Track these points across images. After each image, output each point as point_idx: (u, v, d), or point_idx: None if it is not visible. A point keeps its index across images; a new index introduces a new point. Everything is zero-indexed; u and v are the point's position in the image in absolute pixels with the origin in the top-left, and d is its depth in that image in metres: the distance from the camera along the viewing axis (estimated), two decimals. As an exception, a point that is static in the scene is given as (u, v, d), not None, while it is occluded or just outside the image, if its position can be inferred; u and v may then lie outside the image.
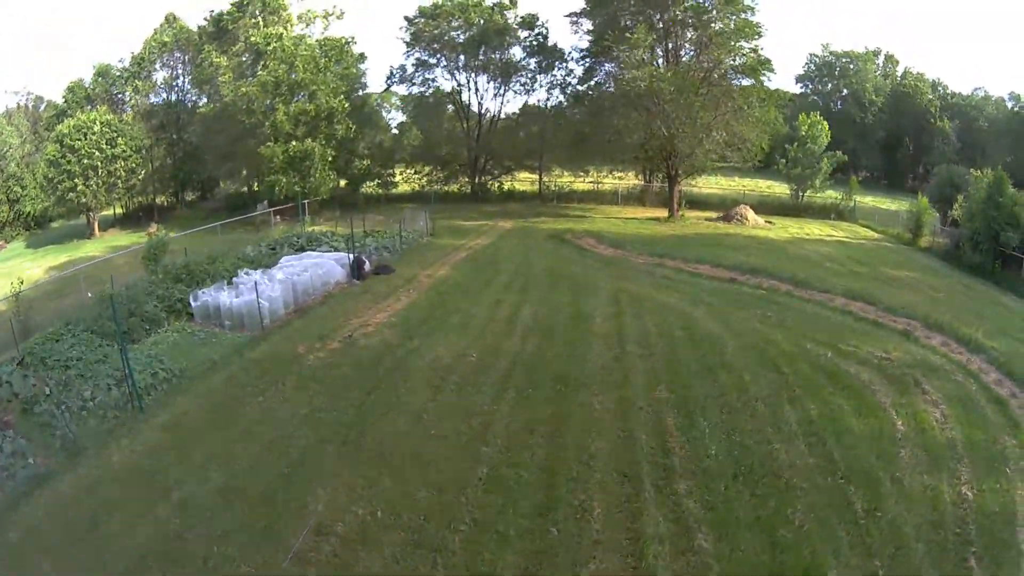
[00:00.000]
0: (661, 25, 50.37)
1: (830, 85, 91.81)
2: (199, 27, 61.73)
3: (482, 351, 21.21)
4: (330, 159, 51.27)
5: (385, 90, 65.24)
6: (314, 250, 34.91)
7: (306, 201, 48.56)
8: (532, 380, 19.05)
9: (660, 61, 49.34)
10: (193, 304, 25.43)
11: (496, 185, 64.19)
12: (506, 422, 16.68)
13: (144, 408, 17.90)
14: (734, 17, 48.07)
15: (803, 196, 57.23)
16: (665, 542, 12.34)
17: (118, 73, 63.19)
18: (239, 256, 32.98)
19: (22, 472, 15.15)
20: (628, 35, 46.66)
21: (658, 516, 13.04)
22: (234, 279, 27.84)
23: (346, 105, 51.94)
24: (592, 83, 56.19)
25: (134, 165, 54.79)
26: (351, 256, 31.19)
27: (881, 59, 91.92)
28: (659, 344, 21.79)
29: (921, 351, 22.40)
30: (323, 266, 29.79)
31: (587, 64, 56.96)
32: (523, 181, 66.31)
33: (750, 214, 49.96)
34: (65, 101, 62.67)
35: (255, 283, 26.00)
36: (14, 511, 13.75)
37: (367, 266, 31.22)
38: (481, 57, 60.51)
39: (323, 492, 14.00)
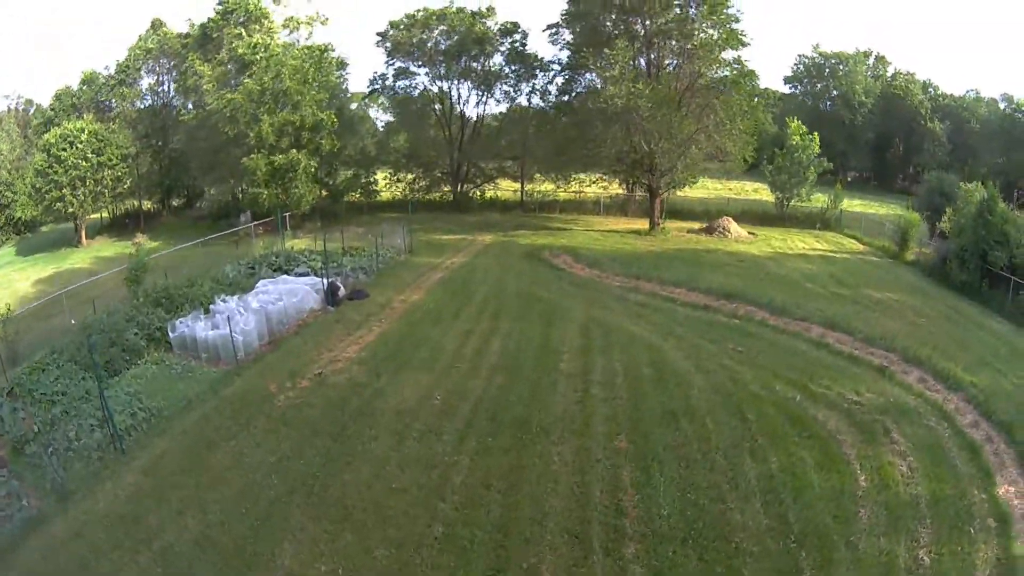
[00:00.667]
0: (643, 34, 50.19)
1: (819, 86, 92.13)
2: (182, 35, 61.22)
3: (447, 393, 21.25)
4: (313, 171, 51.01)
5: (370, 93, 64.94)
6: (291, 272, 35.00)
7: (287, 214, 48.39)
8: (494, 427, 19.13)
9: (639, 75, 48.87)
10: (171, 335, 25.53)
11: (478, 193, 64.13)
12: (464, 475, 16.80)
13: (125, 450, 18.27)
14: (718, 28, 47.82)
15: (788, 205, 56.90)
16: (608, 611, 12.40)
17: (104, 80, 62.98)
18: (217, 279, 32.89)
19: (18, 514, 15.77)
20: (606, 50, 46.37)
21: (605, 581, 13.11)
22: (211, 306, 27.95)
23: (335, 120, 51.69)
24: (573, 94, 56.09)
25: (120, 173, 54.57)
26: (325, 282, 31.15)
27: (872, 60, 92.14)
28: (624, 386, 21.79)
29: (895, 391, 22.23)
30: (297, 293, 29.75)
31: (567, 76, 56.98)
32: (505, 190, 66.30)
33: (733, 226, 49.88)
34: (52, 109, 62.65)
35: (236, 310, 26.47)
36: (13, 553, 14.47)
37: (341, 292, 31.16)
38: (462, 65, 60.34)
39: (289, 546, 14.42)
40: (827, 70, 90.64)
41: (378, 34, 60.80)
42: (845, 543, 14.54)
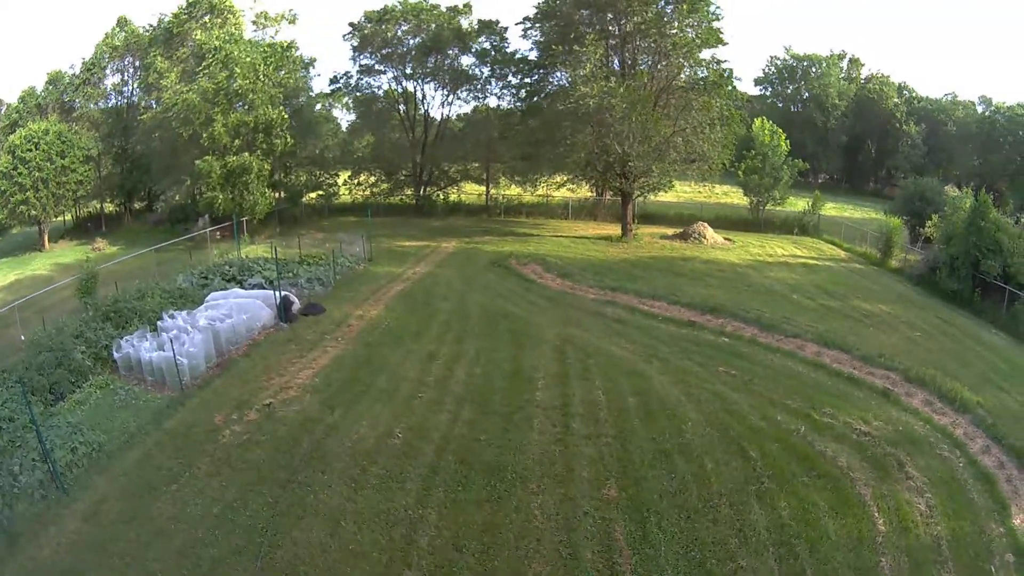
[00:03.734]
0: (618, 32, 48.34)
1: (791, 88, 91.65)
2: (147, 30, 59.61)
3: (408, 430, 19.08)
4: (266, 174, 48.75)
5: (332, 92, 62.46)
6: (244, 284, 33.38)
7: (244, 220, 46.31)
8: (463, 472, 16.99)
9: (612, 75, 46.95)
10: (116, 356, 24.20)
11: (441, 197, 61.98)
12: (431, 535, 14.65)
13: (67, 489, 16.88)
14: (695, 27, 46.33)
15: (763, 210, 55.51)
16: None
17: (68, 80, 61.40)
18: (168, 291, 31.25)
19: None
20: (576, 48, 44.44)
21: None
22: (159, 323, 26.48)
23: (286, 116, 49.22)
24: (543, 94, 53.78)
25: (83, 176, 53.37)
26: (278, 295, 28.91)
27: (846, 62, 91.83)
28: (608, 421, 19.70)
29: (904, 417, 20.81)
30: (248, 309, 27.79)
31: (537, 75, 54.67)
32: (470, 193, 64.36)
33: (708, 232, 48.16)
34: (17, 111, 60.86)
35: (177, 335, 24.48)
36: None
37: (296, 306, 29.24)
38: (430, 64, 58.38)
39: None
40: (799, 72, 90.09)
41: (350, 24, 58.68)
42: None
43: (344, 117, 68.34)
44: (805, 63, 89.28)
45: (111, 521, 15.60)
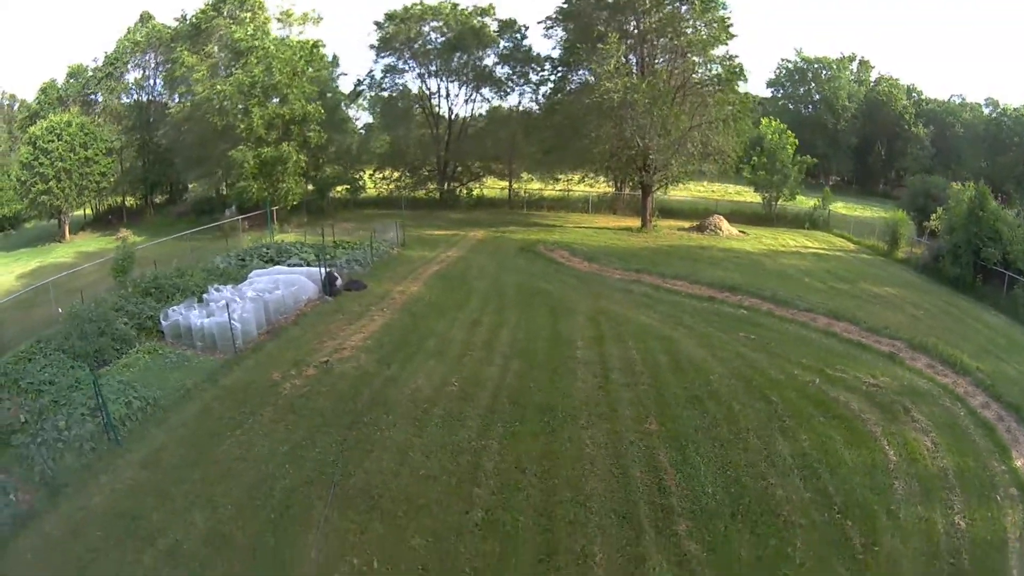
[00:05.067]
0: (636, 32, 50.23)
1: (802, 90, 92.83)
2: (172, 27, 60.98)
3: (463, 380, 20.70)
4: (302, 165, 50.52)
5: (353, 93, 64.31)
6: (284, 263, 34.42)
7: (275, 208, 47.84)
8: (518, 412, 18.64)
9: (634, 69, 48.95)
10: (163, 324, 24.71)
11: (465, 191, 63.71)
12: (496, 460, 16.28)
13: (120, 441, 17.19)
14: (708, 25, 48.13)
15: (775, 206, 57.29)
16: (671, 589, 12.07)
17: (91, 73, 62.63)
18: (208, 269, 32.38)
19: (6, 510, 14.58)
20: (600, 45, 46.31)
21: (661, 560, 12.88)
22: (205, 295, 27.19)
23: (322, 111, 51.04)
24: (566, 91, 55.68)
25: (105, 168, 54.44)
26: (323, 271, 30.47)
27: (855, 65, 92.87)
28: (644, 372, 21.47)
29: (908, 375, 22.51)
30: (295, 283, 29.11)
31: (560, 73, 56.73)
32: (492, 188, 66.22)
33: (724, 224, 50.06)
34: (38, 102, 62.12)
35: (234, 297, 25.59)
36: (3, 552, 13.41)
37: (339, 282, 30.60)
38: (455, 63, 60.09)
39: (314, 539, 13.52)
40: (810, 75, 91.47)
41: (375, 23, 60.87)
42: (886, 512, 14.76)
43: (360, 117, 70.07)
44: (815, 66, 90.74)
45: (172, 466, 16.23)
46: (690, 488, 15.16)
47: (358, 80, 63.78)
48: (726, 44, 49.00)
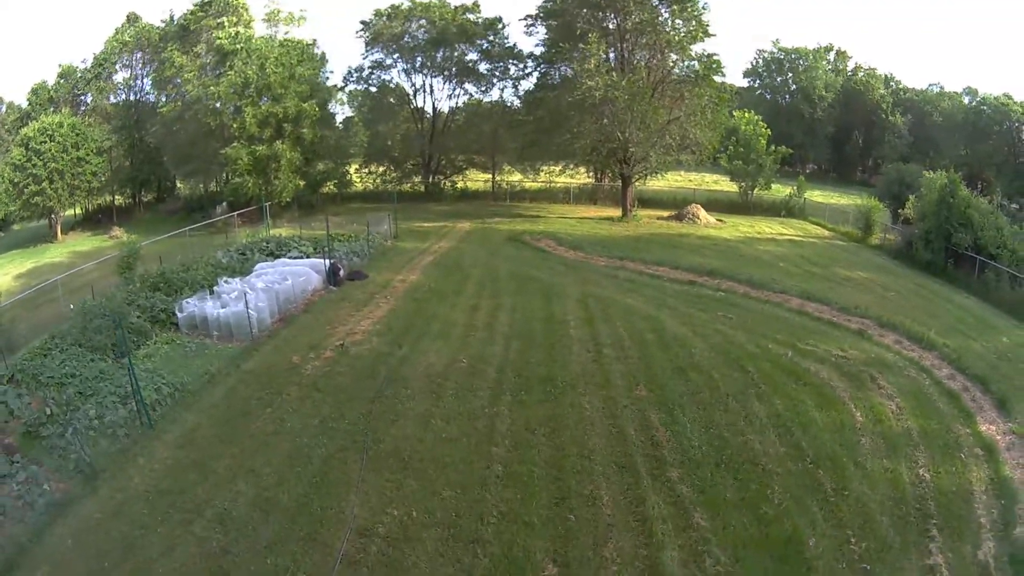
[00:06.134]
0: (616, 30, 52.26)
1: (779, 80, 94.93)
2: (160, 28, 62.05)
3: (470, 357, 22.55)
4: (296, 161, 52.06)
5: (338, 88, 65.76)
6: (285, 256, 35.67)
7: (267, 204, 49.01)
8: (522, 383, 20.63)
9: (612, 69, 50.95)
10: (179, 315, 25.72)
11: (449, 184, 65.54)
12: (508, 423, 18.24)
13: (153, 425, 18.12)
14: (685, 23, 50.42)
15: (751, 195, 59.66)
16: (668, 522, 14.20)
17: (80, 74, 63.35)
18: (213, 263, 33.41)
19: (40, 500, 14.88)
20: (581, 45, 48.37)
21: (658, 501, 14.86)
22: (215, 288, 28.24)
23: (317, 110, 52.61)
24: (548, 85, 57.61)
25: (96, 168, 55.22)
26: (327, 262, 32.04)
27: (832, 55, 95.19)
28: (632, 347, 23.56)
29: (876, 349, 24.62)
30: (300, 274, 30.43)
31: (542, 70, 58.82)
32: (475, 180, 68.02)
33: (702, 213, 52.44)
34: (29, 103, 62.88)
35: (243, 292, 26.55)
36: (39, 542, 13.68)
37: (342, 272, 32.01)
38: (439, 58, 61.87)
39: (355, 497, 14.90)
40: (787, 65, 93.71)
41: (362, 22, 62.57)
42: (854, 463, 16.63)
43: (342, 112, 71.52)
44: (792, 56, 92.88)
45: (208, 444, 17.18)
46: (678, 443, 17.22)
47: (348, 71, 65.99)
48: (703, 42, 51.44)
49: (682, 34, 50.54)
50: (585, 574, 12.79)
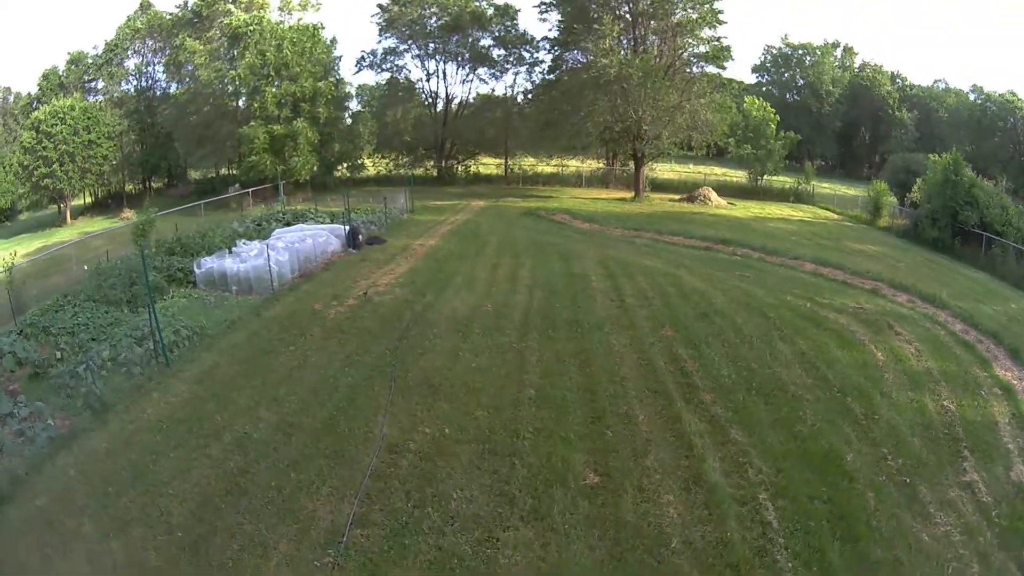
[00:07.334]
0: (628, 15, 52.91)
1: (786, 75, 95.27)
2: (173, 14, 62.37)
3: (495, 304, 22.73)
4: (314, 139, 52.47)
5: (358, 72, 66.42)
6: (303, 223, 35.72)
7: (283, 182, 49.49)
8: (549, 324, 20.81)
9: (625, 51, 51.53)
10: (197, 272, 25.67)
11: (462, 169, 65.92)
12: (537, 355, 18.40)
13: (171, 364, 17.86)
14: (697, 8, 50.94)
15: (761, 180, 60.12)
16: (705, 436, 14.37)
17: (91, 61, 63.61)
18: (230, 232, 33.56)
19: (43, 433, 14.34)
20: (596, 27, 49.04)
21: (693, 419, 15.04)
22: (234, 248, 28.22)
23: (333, 87, 53.11)
24: (562, 69, 58.45)
25: (108, 151, 55.36)
26: (346, 226, 32.31)
27: (839, 51, 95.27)
28: (655, 297, 23.83)
29: (890, 305, 25.05)
30: (320, 235, 30.66)
31: (556, 53, 59.48)
32: (488, 165, 68.68)
33: (713, 195, 52.80)
34: (40, 88, 63.07)
35: (265, 246, 26.72)
36: (37, 474, 13.17)
37: (361, 235, 32.27)
38: (452, 45, 62.37)
39: (384, 419, 14.82)
40: (794, 61, 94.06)
41: (379, 6, 62.79)
42: (880, 393, 16.89)
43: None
44: (800, 52, 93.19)
45: (229, 378, 16.94)
46: (708, 373, 17.45)
47: (362, 55, 66.41)
48: (714, 29, 52.18)
49: (693, 17, 51.07)
50: (628, 482, 12.89)
